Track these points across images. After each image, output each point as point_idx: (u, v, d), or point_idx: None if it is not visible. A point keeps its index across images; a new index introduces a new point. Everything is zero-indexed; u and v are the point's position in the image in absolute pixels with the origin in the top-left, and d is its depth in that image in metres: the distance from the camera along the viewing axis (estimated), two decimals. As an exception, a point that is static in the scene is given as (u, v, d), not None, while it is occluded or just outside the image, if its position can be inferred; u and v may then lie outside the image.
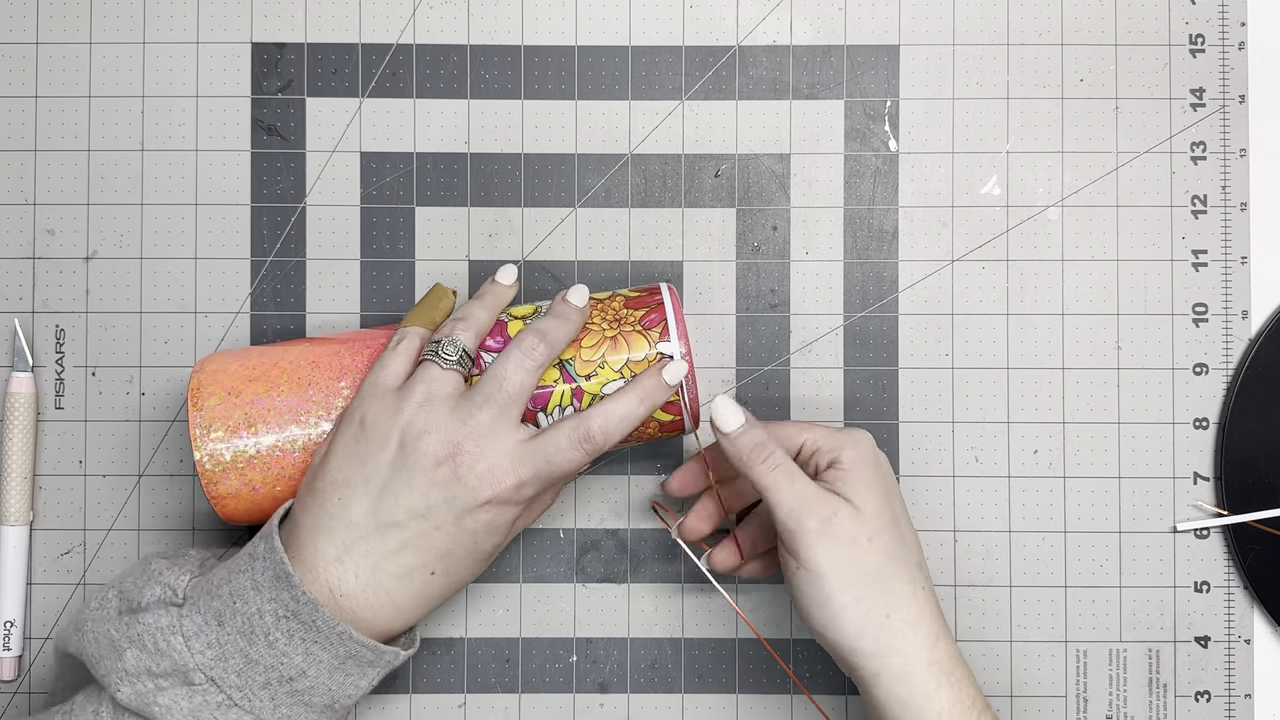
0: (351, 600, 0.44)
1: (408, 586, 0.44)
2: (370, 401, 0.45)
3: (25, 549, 0.54)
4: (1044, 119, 0.55)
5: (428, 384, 0.45)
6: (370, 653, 0.43)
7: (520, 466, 0.44)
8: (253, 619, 0.42)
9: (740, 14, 0.55)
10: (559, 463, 0.45)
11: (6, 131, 0.55)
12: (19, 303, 0.55)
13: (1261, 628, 0.54)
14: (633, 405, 0.46)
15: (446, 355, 0.46)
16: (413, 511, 0.44)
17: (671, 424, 0.49)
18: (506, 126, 0.55)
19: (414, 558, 0.44)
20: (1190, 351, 0.55)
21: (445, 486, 0.44)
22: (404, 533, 0.44)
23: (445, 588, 0.46)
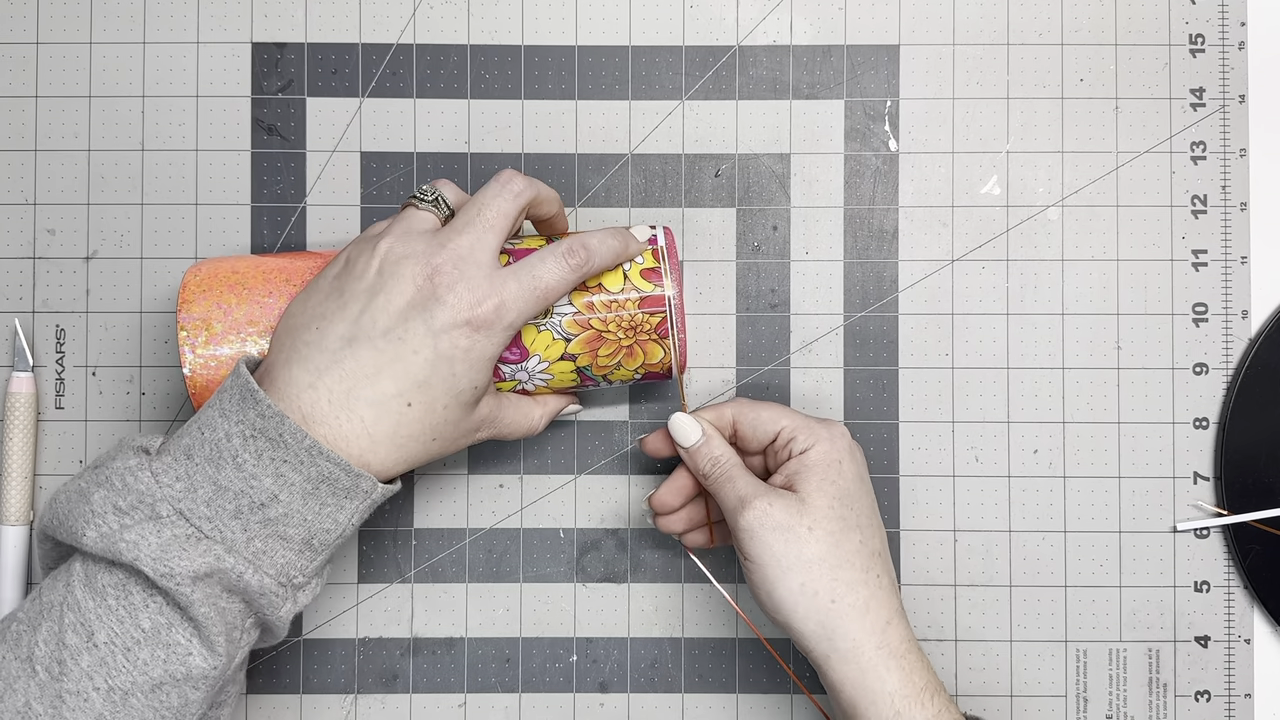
0: (325, 427, 0.42)
1: (383, 416, 0.43)
2: (353, 245, 0.46)
3: (25, 549, 0.54)
4: (1044, 119, 0.55)
5: (406, 220, 0.46)
6: (345, 475, 0.42)
7: (502, 285, 0.44)
8: (220, 444, 0.41)
9: (740, 14, 0.55)
10: (543, 277, 0.45)
11: (6, 131, 0.55)
12: (19, 303, 0.55)
13: (1261, 627, 0.54)
14: (606, 237, 0.47)
15: (423, 196, 0.47)
16: (390, 334, 0.43)
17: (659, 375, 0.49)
18: (506, 126, 0.55)
19: (390, 384, 0.43)
20: (1190, 351, 0.55)
21: (423, 306, 0.43)
22: (379, 355, 0.43)
23: (422, 428, 0.44)
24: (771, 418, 0.48)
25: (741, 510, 0.46)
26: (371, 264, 0.44)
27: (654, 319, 0.48)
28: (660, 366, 0.49)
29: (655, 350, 0.48)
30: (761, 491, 0.46)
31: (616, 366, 0.48)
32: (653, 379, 0.50)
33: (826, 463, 0.47)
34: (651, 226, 0.49)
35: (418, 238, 0.44)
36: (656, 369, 0.49)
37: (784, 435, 0.48)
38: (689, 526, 0.51)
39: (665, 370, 0.49)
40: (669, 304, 0.48)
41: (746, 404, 0.49)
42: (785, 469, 0.48)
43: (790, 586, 0.45)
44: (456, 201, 0.47)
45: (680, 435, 0.49)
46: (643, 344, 0.48)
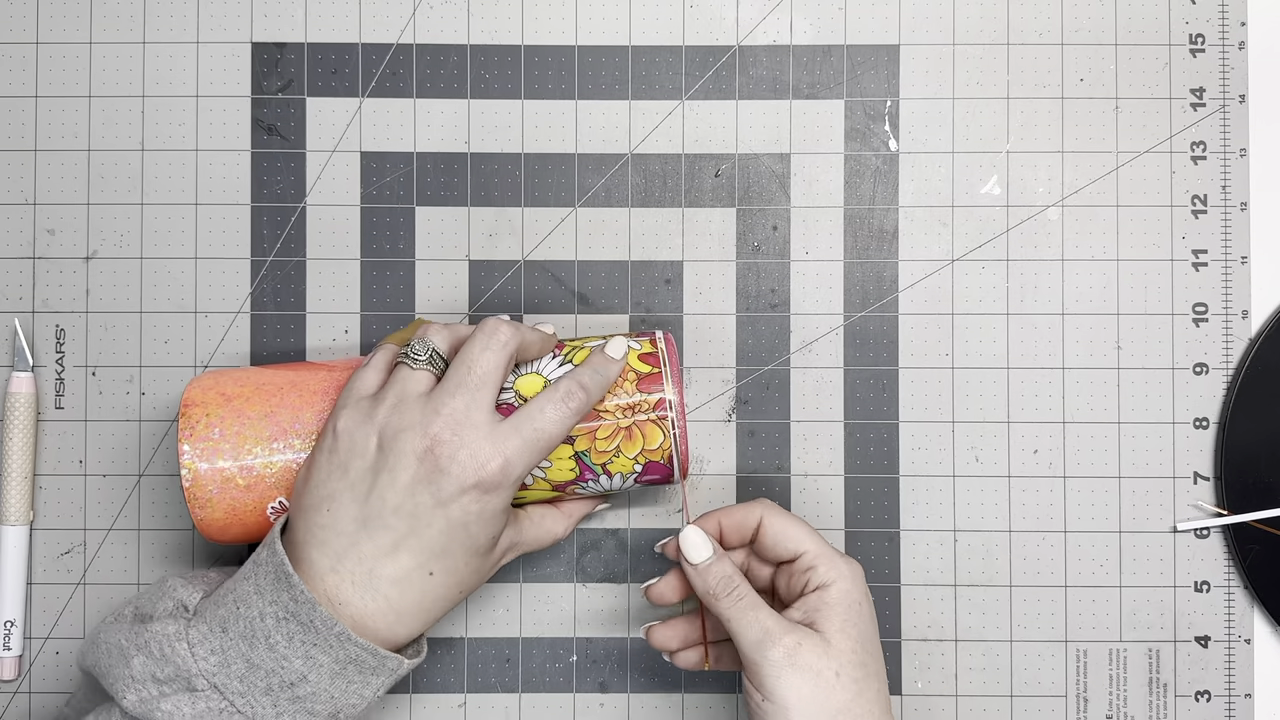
0: (350, 608, 0.43)
1: (407, 591, 0.44)
2: (345, 412, 0.45)
3: (25, 549, 0.54)
4: (1044, 119, 0.55)
5: (400, 385, 0.45)
6: (371, 657, 0.43)
7: (504, 443, 0.44)
8: (254, 623, 0.42)
9: (740, 14, 0.55)
10: (545, 427, 0.45)
11: (6, 131, 0.55)
12: (19, 303, 0.55)
13: (1261, 627, 0.54)
14: (595, 370, 0.46)
15: (416, 355, 0.46)
16: (400, 510, 0.43)
17: (660, 479, 0.48)
18: (506, 126, 0.55)
19: (409, 559, 0.44)
20: (1190, 351, 0.55)
21: (429, 480, 0.43)
22: (394, 533, 0.43)
23: (447, 590, 0.45)
24: (798, 537, 0.47)
25: (767, 644, 0.44)
26: (371, 440, 0.44)
27: (652, 398, 0.47)
28: (661, 455, 0.47)
29: (655, 433, 0.47)
30: (787, 627, 0.44)
31: (615, 453, 0.47)
32: (654, 478, 0.48)
33: (848, 603, 0.45)
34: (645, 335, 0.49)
35: (412, 406, 0.44)
36: (657, 458, 0.47)
37: (805, 560, 0.46)
38: (683, 644, 0.50)
39: (666, 461, 0.48)
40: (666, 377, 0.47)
41: (776, 511, 0.48)
42: (804, 603, 0.46)
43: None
44: (450, 348, 0.47)
45: (690, 551, 0.46)
46: (641, 426, 0.47)
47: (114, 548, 0.54)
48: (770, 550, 0.47)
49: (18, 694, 0.54)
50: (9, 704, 0.54)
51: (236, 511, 0.47)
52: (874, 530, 0.54)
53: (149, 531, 0.54)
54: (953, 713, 0.54)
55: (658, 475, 0.48)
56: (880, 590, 0.54)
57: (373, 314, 0.55)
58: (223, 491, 0.47)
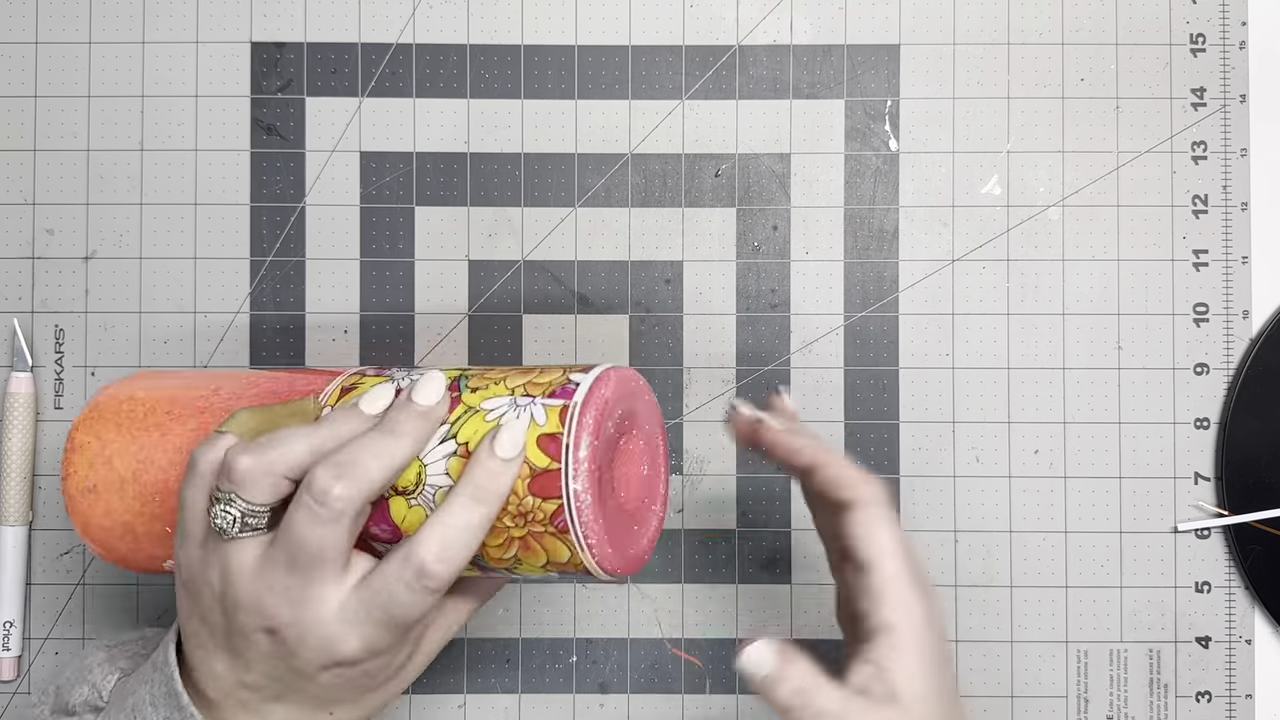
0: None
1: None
2: (185, 558, 0.39)
3: (24, 549, 0.54)
4: (1044, 118, 0.55)
5: (220, 559, 0.37)
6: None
7: (357, 625, 0.36)
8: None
9: (740, 13, 0.55)
10: (399, 613, 0.36)
11: (6, 131, 0.55)
12: (18, 303, 0.55)
13: (1262, 628, 0.54)
14: (468, 509, 0.36)
15: (223, 525, 0.36)
16: (269, 675, 0.38)
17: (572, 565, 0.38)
18: (506, 126, 0.55)
19: (297, 709, 0.39)
20: (1191, 351, 0.55)
21: (284, 659, 0.37)
22: (271, 690, 0.38)
23: (360, 715, 0.40)
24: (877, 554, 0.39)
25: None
26: (215, 604, 0.38)
27: (549, 506, 0.36)
28: (574, 566, 0.37)
29: (558, 548, 0.37)
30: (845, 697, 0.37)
31: (516, 563, 0.38)
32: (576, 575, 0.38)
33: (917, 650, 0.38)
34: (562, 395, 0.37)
35: (241, 579, 0.37)
36: (571, 569, 0.37)
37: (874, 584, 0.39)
38: None
39: (581, 570, 0.37)
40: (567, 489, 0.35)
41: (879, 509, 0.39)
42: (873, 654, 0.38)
43: None
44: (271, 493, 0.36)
45: (752, 668, 0.38)
46: (538, 538, 0.36)
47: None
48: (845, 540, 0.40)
49: (17, 694, 0.54)
50: (8, 704, 0.54)
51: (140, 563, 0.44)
52: (874, 530, 0.54)
53: (148, 532, 0.54)
54: (953, 713, 0.54)
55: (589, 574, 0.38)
56: (880, 591, 0.54)
57: (372, 314, 0.55)
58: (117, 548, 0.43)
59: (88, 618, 0.54)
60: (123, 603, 0.54)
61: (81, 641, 0.54)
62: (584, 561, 0.37)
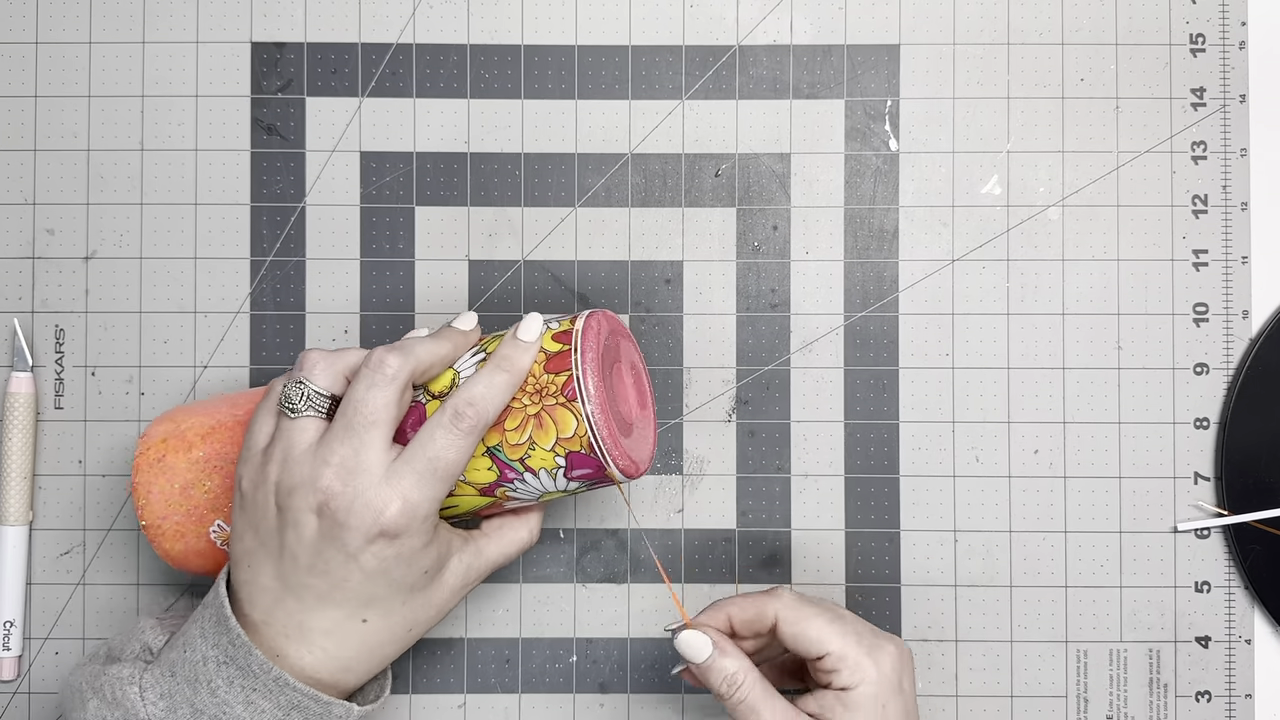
0: (289, 660, 0.42)
1: (344, 642, 0.42)
2: (245, 468, 0.43)
3: (25, 549, 0.54)
4: (1044, 118, 0.55)
5: (284, 439, 0.42)
6: (315, 704, 0.41)
7: (399, 483, 0.41)
8: (198, 666, 0.41)
9: (740, 13, 0.55)
10: (439, 455, 0.41)
11: (6, 131, 0.55)
12: (19, 302, 0.55)
13: (1262, 628, 0.54)
14: (491, 373, 0.43)
15: (291, 403, 0.42)
16: (312, 568, 0.42)
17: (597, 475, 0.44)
18: (506, 126, 0.55)
19: (337, 611, 0.42)
20: (1191, 351, 0.55)
21: (331, 537, 0.41)
22: (314, 589, 0.42)
23: (390, 633, 0.43)
24: (817, 640, 0.43)
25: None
26: (269, 499, 0.42)
27: (559, 379, 0.43)
28: (580, 444, 0.43)
29: (567, 419, 0.43)
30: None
31: (530, 446, 0.43)
32: (588, 473, 0.44)
33: (869, 707, 0.43)
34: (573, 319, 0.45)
35: (301, 460, 0.42)
36: (577, 448, 0.43)
37: (828, 662, 0.43)
38: None
39: (588, 451, 0.43)
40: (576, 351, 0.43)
41: (793, 607, 0.44)
42: (822, 699, 0.43)
43: None
44: (332, 382, 0.43)
45: (689, 653, 0.44)
46: (550, 410, 0.43)
47: (113, 548, 0.54)
48: (789, 647, 0.45)
49: (17, 694, 0.54)
50: (8, 704, 0.54)
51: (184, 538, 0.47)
52: (874, 530, 0.54)
53: (148, 532, 0.54)
54: (953, 713, 0.54)
55: (590, 470, 0.44)
56: (880, 590, 0.54)
57: (372, 314, 0.55)
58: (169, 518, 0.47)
59: (88, 618, 0.54)
60: (123, 603, 0.54)
61: (81, 641, 0.54)
62: (589, 429, 0.42)
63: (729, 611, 0.45)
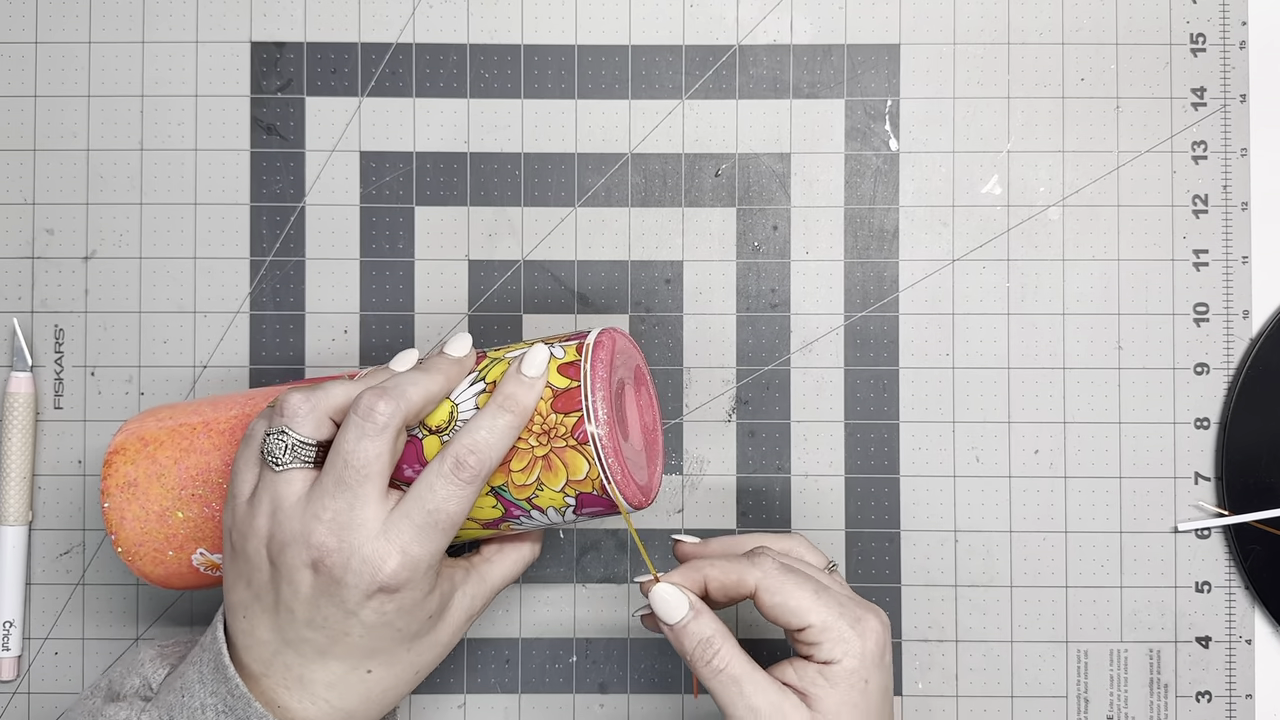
0: (291, 713, 0.41)
1: (347, 693, 0.41)
2: (231, 520, 0.42)
3: (24, 549, 0.54)
4: (1045, 118, 0.55)
5: (271, 491, 0.40)
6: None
7: (398, 537, 0.39)
8: (195, 713, 0.40)
9: (740, 13, 0.55)
10: (439, 508, 0.40)
11: (6, 131, 0.55)
12: (18, 302, 0.55)
13: (1262, 628, 0.54)
14: (494, 416, 0.41)
15: (274, 455, 0.40)
16: (311, 623, 0.40)
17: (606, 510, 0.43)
18: (506, 126, 0.55)
19: (338, 665, 0.41)
20: (1191, 351, 0.55)
21: (328, 593, 0.39)
22: (313, 644, 0.41)
23: (398, 679, 0.42)
24: (800, 610, 0.41)
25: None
26: (261, 553, 0.40)
27: (569, 420, 0.41)
28: (591, 486, 0.41)
29: (578, 462, 0.41)
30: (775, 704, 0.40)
31: (538, 487, 0.41)
32: (598, 510, 0.42)
33: (852, 683, 0.41)
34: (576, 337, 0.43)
35: (291, 514, 0.40)
36: (588, 489, 0.41)
37: (810, 634, 0.41)
38: None
39: (600, 493, 0.41)
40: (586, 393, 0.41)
41: (775, 577, 0.42)
42: (803, 671, 0.41)
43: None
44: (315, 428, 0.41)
45: (664, 610, 0.42)
46: (560, 453, 0.41)
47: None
48: (769, 618, 0.42)
49: (16, 694, 0.54)
50: (8, 704, 0.54)
51: (164, 563, 0.46)
52: (874, 530, 0.54)
53: (148, 532, 0.54)
54: (953, 713, 0.54)
55: (601, 508, 0.42)
56: (880, 590, 0.54)
57: (372, 314, 0.55)
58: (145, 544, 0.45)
59: (88, 618, 0.54)
60: (123, 603, 0.54)
61: (81, 641, 0.54)
62: (600, 473, 0.41)
63: (706, 574, 0.42)
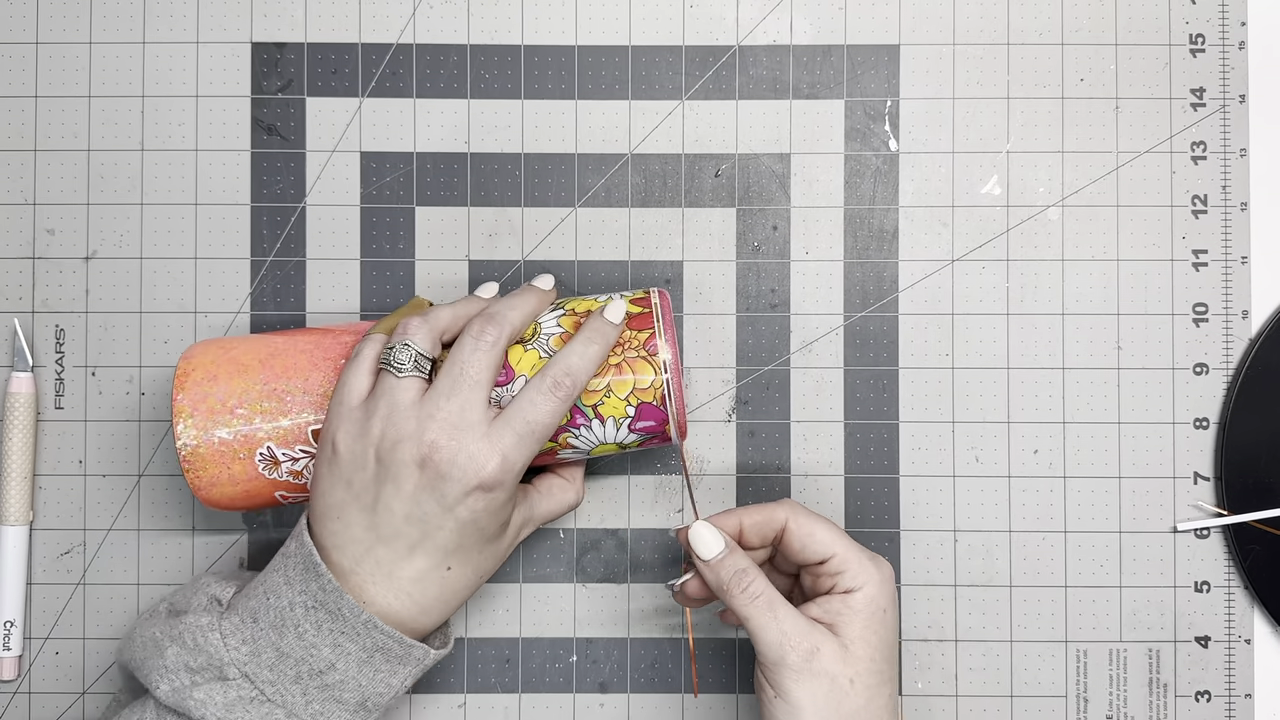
0: (375, 606, 0.44)
1: (428, 588, 0.45)
2: (339, 423, 0.45)
3: (25, 549, 0.54)
4: (1044, 119, 0.55)
5: (389, 395, 0.45)
6: (398, 646, 0.44)
7: (500, 441, 0.44)
8: (284, 612, 0.43)
9: (740, 13, 0.55)
10: (535, 417, 0.45)
11: (6, 131, 0.55)
12: (19, 303, 0.55)
13: (1261, 628, 0.54)
14: (585, 345, 0.46)
15: (400, 363, 0.45)
16: (409, 518, 0.44)
17: (656, 429, 0.48)
18: (506, 126, 0.55)
19: (425, 560, 0.45)
20: (1190, 351, 0.55)
21: (432, 487, 0.44)
22: (407, 539, 0.44)
23: (466, 580, 0.46)
24: (826, 541, 0.46)
25: (785, 648, 0.44)
26: (369, 453, 0.44)
27: (642, 335, 0.47)
28: (653, 394, 0.47)
29: (645, 370, 0.47)
30: (805, 629, 0.44)
31: (606, 393, 0.47)
32: (650, 426, 0.47)
33: (873, 610, 0.45)
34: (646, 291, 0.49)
35: (405, 414, 0.44)
36: (649, 398, 0.47)
37: (833, 565, 0.46)
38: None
39: (659, 402, 0.47)
40: (656, 318, 0.47)
41: (802, 513, 0.47)
42: (827, 604, 0.45)
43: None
44: (433, 344, 0.46)
45: (701, 547, 0.46)
46: (631, 362, 0.47)
47: (113, 548, 0.54)
48: (797, 554, 0.47)
49: (17, 694, 0.54)
50: (9, 704, 0.54)
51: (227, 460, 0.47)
52: (874, 530, 0.54)
53: (148, 532, 0.54)
54: (953, 713, 0.54)
55: (653, 423, 0.47)
56: (880, 590, 0.54)
57: (372, 314, 0.55)
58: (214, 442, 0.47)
59: (88, 618, 0.54)
60: (123, 603, 0.54)
61: (82, 641, 0.54)
62: (664, 381, 0.46)
63: (740, 518, 0.47)
